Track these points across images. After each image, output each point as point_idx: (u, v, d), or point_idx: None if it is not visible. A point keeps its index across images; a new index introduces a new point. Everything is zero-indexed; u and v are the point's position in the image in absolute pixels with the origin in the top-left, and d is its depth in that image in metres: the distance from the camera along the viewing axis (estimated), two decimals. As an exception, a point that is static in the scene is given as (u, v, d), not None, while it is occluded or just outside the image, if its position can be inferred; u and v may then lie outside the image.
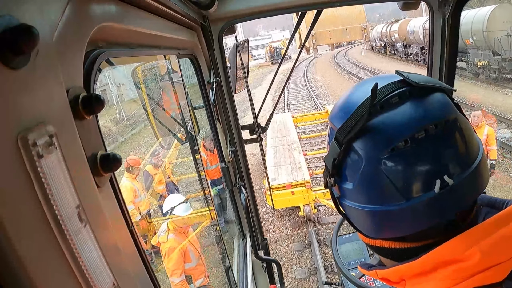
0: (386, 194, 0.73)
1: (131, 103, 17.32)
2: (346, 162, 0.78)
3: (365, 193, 0.76)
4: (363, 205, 0.77)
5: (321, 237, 8.06)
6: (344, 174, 0.79)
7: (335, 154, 0.78)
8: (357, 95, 0.79)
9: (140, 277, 0.77)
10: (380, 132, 0.73)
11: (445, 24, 2.05)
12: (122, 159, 0.66)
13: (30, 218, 0.43)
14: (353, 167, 0.76)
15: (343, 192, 0.81)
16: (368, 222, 0.79)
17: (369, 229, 0.81)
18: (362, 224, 0.82)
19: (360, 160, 0.74)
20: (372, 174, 0.73)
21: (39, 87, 0.47)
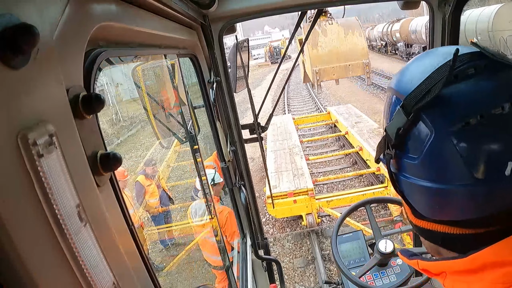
0: (453, 171, 0.68)
1: (127, 104, 17.24)
2: (412, 133, 0.72)
3: (429, 168, 0.71)
4: (425, 181, 0.72)
5: (326, 252, 7.43)
6: (407, 146, 0.73)
7: (401, 123, 0.72)
8: (428, 62, 0.73)
9: (140, 276, 0.78)
10: (455, 103, 0.67)
11: (445, 23, 2.05)
12: (122, 158, 0.66)
13: (30, 217, 0.43)
14: (420, 139, 0.70)
15: (403, 165, 0.76)
16: (427, 200, 0.74)
17: (426, 207, 0.76)
18: (420, 201, 0.77)
19: (430, 131, 0.68)
20: (441, 149, 0.68)
21: (39, 87, 0.47)
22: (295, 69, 3.93)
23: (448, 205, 0.72)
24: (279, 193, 8.14)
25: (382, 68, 29.87)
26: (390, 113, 0.78)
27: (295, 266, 7.28)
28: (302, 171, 9.22)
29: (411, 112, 0.70)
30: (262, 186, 10.11)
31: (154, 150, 11.90)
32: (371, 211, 2.52)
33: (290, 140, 12.03)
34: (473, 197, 0.68)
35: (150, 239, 7.69)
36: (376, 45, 46.10)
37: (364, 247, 2.65)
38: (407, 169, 0.75)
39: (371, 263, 2.34)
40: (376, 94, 21.77)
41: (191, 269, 7.11)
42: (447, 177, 0.69)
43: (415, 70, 0.75)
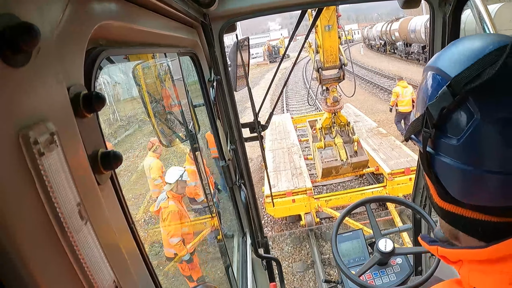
0: (493, 158, 0.67)
1: (125, 103, 17.17)
2: (457, 114, 0.70)
3: (469, 151, 0.69)
4: (463, 163, 0.70)
5: (325, 255, 7.34)
6: (450, 126, 0.71)
7: (446, 103, 0.69)
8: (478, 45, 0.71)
9: (140, 275, 0.78)
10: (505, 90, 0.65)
11: (445, 22, 2.05)
12: (122, 157, 0.66)
13: (31, 215, 0.43)
14: (464, 121, 0.68)
15: (441, 146, 0.74)
16: (461, 182, 0.73)
17: (458, 189, 0.75)
18: (453, 183, 0.75)
19: (475, 115, 0.66)
20: (484, 134, 0.66)
21: (40, 85, 0.48)
22: (296, 65, 3.92)
23: (482, 190, 0.71)
24: (278, 192, 8.13)
25: (380, 68, 29.86)
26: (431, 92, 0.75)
27: (294, 270, 7.20)
28: (301, 170, 9.21)
29: (458, 93, 0.68)
30: (260, 187, 10.05)
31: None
32: (371, 210, 2.52)
33: (288, 139, 12.01)
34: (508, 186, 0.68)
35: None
36: (375, 44, 46.13)
37: (364, 246, 2.65)
38: (445, 149, 0.73)
39: (371, 262, 2.34)
40: (375, 94, 21.77)
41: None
42: (486, 163, 0.68)
43: (464, 52, 0.72)
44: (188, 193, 7.10)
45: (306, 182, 8.48)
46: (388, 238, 2.38)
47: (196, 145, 2.32)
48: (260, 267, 3.03)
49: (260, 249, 2.97)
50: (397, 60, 33.84)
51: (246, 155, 2.78)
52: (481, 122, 0.66)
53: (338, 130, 9.09)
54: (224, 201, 5.72)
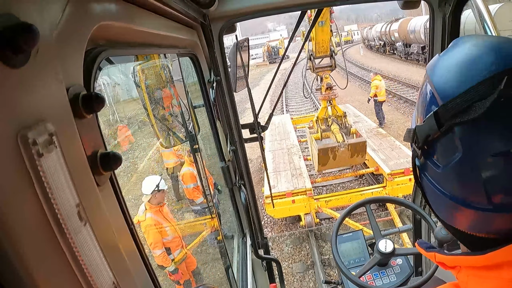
0: (475, 194, 0.66)
1: (124, 104, 17.15)
2: (441, 143, 0.68)
3: (451, 182, 0.69)
4: (445, 191, 0.70)
5: (325, 256, 7.33)
6: (434, 151, 0.70)
7: (431, 131, 0.68)
8: (474, 64, 0.64)
9: (140, 276, 0.77)
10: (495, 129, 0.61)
11: (445, 23, 2.05)
12: (122, 158, 0.66)
13: (30, 216, 0.43)
14: (448, 153, 0.67)
15: (426, 166, 0.74)
16: (445, 208, 0.74)
17: (441, 213, 0.77)
18: (437, 206, 0.77)
19: (459, 150, 0.64)
20: (467, 170, 0.65)
21: (39, 86, 0.47)
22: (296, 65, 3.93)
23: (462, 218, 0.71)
24: (278, 193, 8.14)
25: (380, 68, 29.88)
26: (423, 110, 0.73)
27: (294, 271, 7.19)
28: (301, 171, 9.21)
29: (443, 124, 0.65)
30: (259, 188, 10.04)
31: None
32: (371, 210, 2.52)
33: (288, 140, 12.03)
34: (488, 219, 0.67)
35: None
36: (375, 44, 46.16)
37: (364, 246, 2.65)
38: (429, 171, 0.73)
39: (371, 263, 2.34)
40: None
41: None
42: (467, 196, 0.67)
43: (458, 71, 0.66)
44: (187, 195, 7.09)
45: (306, 182, 8.48)
46: (388, 238, 2.38)
47: (196, 146, 2.32)
48: (260, 268, 3.03)
49: (260, 250, 2.97)
50: (397, 60, 33.86)
51: (246, 156, 2.78)
52: (463, 159, 0.64)
53: (334, 120, 9.27)
54: (224, 202, 5.72)
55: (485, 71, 0.62)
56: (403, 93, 19.51)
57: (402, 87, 21.21)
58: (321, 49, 8.58)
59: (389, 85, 22.52)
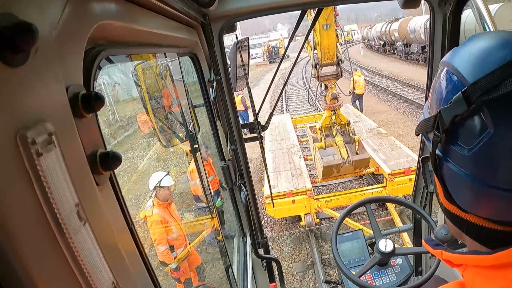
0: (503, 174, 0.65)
1: (124, 104, 17.12)
2: (470, 124, 0.66)
3: (479, 164, 0.67)
4: (470, 175, 0.68)
5: (325, 256, 7.29)
6: (461, 134, 0.68)
7: (460, 111, 0.66)
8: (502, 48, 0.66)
9: (140, 276, 0.77)
10: None
11: (446, 23, 2.05)
12: (121, 157, 0.66)
13: (29, 216, 0.43)
14: (477, 132, 0.65)
15: (450, 152, 0.72)
16: (467, 192, 0.72)
17: (463, 198, 0.74)
18: (458, 191, 0.74)
19: (491, 127, 0.63)
20: (497, 148, 0.64)
21: (38, 85, 0.47)
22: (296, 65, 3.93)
23: (487, 203, 0.70)
24: (278, 193, 8.12)
25: (380, 68, 29.83)
26: (446, 93, 0.72)
27: (294, 271, 7.18)
28: (301, 171, 9.19)
29: (473, 102, 0.64)
30: (259, 188, 10.02)
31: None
32: (371, 210, 2.52)
33: (288, 140, 11.99)
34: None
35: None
36: (375, 44, 46.15)
37: (364, 246, 2.65)
38: (454, 157, 0.71)
39: (371, 262, 2.34)
40: (374, 94, 21.76)
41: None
42: (495, 178, 0.66)
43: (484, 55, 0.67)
44: (194, 191, 7.09)
45: (306, 182, 8.46)
46: (388, 238, 2.38)
47: (196, 146, 2.32)
48: (260, 268, 3.03)
49: (260, 250, 2.97)
50: (397, 60, 33.85)
51: (246, 156, 2.78)
52: (494, 136, 0.63)
53: (338, 129, 9.14)
54: (224, 202, 5.74)
55: (510, 55, 0.64)
56: (403, 93, 19.50)
57: (402, 87, 21.20)
58: (326, 55, 8.16)
59: (389, 85, 22.43)
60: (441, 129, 0.71)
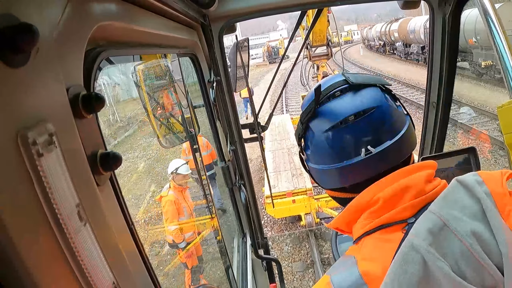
0: (329, 157, 1.02)
1: (124, 104, 17.08)
2: (305, 136, 1.09)
3: (316, 156, 1.07)
4: (316, 165, 1.07)
5: (325, 255, 7.34)
6: (306, 143, 1.10)
7: (300, 130, 1.11)
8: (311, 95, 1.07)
9: (140, 276, 0.77)
10: (325, 114, 1.03)
11: (445, 23, 2.05)
12: (122, 158, 0.66)
13: (30, 216, 0.43)
14: (309, 138, 1.07)
15: (306, 156, 1.12)
16: (319, 176, 1.10)
17: (323, 182, 1.11)
18: (318, 179, 1.12)
19: (312, 133, 1.05)
20: (320, 143, 1.03)
21: (39, 86, 0.47)
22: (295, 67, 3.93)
23: (331, 179, 1.06)
24: (278, 193, 8.11)
25: (380, 68, 29.78)
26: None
27: (294, 270, 7.17)
28: (301, 171, 9.11)
29: (303, 122, 1.07)
30: (260, 188, 10.02)
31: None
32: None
33: (288, 140, 11.94)
34: (344, 172, 1.01)
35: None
36: (374, 44, 46.11)
37: None
38: (308, 158, 1.12)
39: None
40: None
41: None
42: (326, 161, 1.03)
43: (307, 97, 1.11)
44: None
45: (306, 182, 8.45)
46: None
47: (196, 146, 2.32)
48: (260, 268, 3.03)
49: (260, 250, 2.96)
50: (397, 60, 33.77)
51: (246, 156, 2.78)
52: (316, 137, 1.04)
53: None
54: (224, 202, 5.78)
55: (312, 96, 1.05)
56: (402, 93, 19.47)
57: (402, 87, 21.18)
58: (317, 38, 8.80)
59: (393, 88, 22.35)
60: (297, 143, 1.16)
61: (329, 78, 1.11)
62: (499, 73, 14.43)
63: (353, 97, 1.01)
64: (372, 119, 0.98)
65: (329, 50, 9.20)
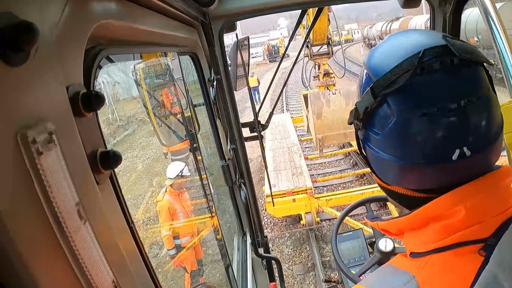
0: (410, 151, 0.78)
1: (124, 103, 17.06)
2: (378, 113, 0.81)
3: (390, 145, 0.81)
4: (385, 154, 0.82)
5: (326, 258, 7.24)
6: (373, 122, 0.83)
7: (369, 103, 0.81)
8: (400, 49, 0.79)
9: (140, 275, 0.77)
10: (417, 94, 0.75)
11: (446, 22, 2.05)
12: (122, 156, 0.66)
13: (29, 215, 0.43)
14: (384, 119, 0.79)
15: (368, 137, 0.85)
16: (386, 170, 0.85)
17: (385, 176, 0.87)
18: (380, 170, 0.88)
19: (392, 115, 0.77)
20: (401, 131, 0.77)
21: (38, 84, 0.47)
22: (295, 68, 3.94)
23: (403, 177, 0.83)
24: (278, 192, 8.10)
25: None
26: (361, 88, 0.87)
27: (294, 273, 7.12)
28: (301, 170, 9.17)
29: (378, 96, 0.78)
30: (260, 187, 10.00)
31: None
32: (371, 210, 2.52)
33: (288, 139, 11.94)
34: (421, 174, 0.79)
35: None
36: (375, 43, 45.98)
37: (364, 245, 2.65)
38: (371, 140, 0.85)
39: (371, 261, 2.34)
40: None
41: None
42: (404, 155, 0.79)
43: (387, 55, 0.82)
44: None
45: (306, 181, 8.44)
46: (388, 238, 2.37)
47: (196, 145, 2.32)
48: (260, 267, 3.03)
49: (260, 249, 2.97)
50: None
51: (246, 155, 2.78)
52: (397, 122, 0.77)
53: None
54: (223, 201, 5.76)
55: (412, 50, 0.76)
56: None
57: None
58: (318, 37, 8.71)
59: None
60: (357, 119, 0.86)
61: (419, 34, 0.83)
62: (500, 72, 14.49)
63: (456, 77, 0.75)
64: (478, 112, 0.75)
65: (330, 48, 9.18)
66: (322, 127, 8.65)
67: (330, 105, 8.69)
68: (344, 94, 8.63)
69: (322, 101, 8.64)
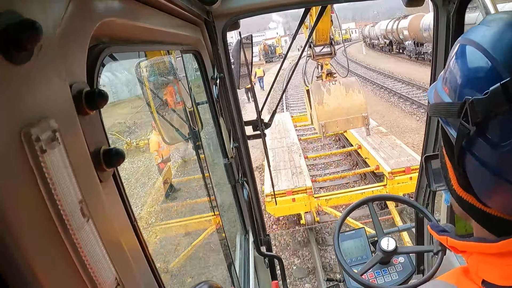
0: None
1: (124, 103, 17.06)
2: (507, 121, 0.58)
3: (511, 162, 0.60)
4: (499, 172, 0.61)
5: (326, 259, 7.25)
6: (495, 129, 0.60)
7: (498, 107, 0.58)
8: None
9: (142, 272, 0.78)
10: None
11: (449, 21, 2.04)
12: (125, 154, 0.66)
13: (33, 213, 0.43)
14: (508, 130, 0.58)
15: (476, 145, 0.64)
16: (491, 188, 0.65)
17: (485, 193, 0.68)
18: (481, 185, 0.68)
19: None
20: None
21: (42, 82, 0.47)
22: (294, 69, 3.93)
23: (508, 199, 0.64)
24: (278, 191, 8.12)
25: (389, 69, 28.65)
26: (477, 81, 0.63)
27: (294, 276, 7.12)
28: (301, 169, 9.19)
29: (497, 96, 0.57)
30: (259, 187, 9.88)
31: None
32: (374, 208, 2.51)
33: (288, 138, 11.96)
34: None
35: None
36: (378, 43, 45.60)
37: (366, 244, 2.65)
38: (481, 150, 0.63)
39: (373, 260, 2.33)
40: (376, 94, 21.59)
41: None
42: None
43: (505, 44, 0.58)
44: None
45: (306, 181, 8.46)
46: (390, 236, 2.37)
47: (199, 143, 2.32)
48: (262, 265, 3.03)
49: (262, 247, 2.97)
50: (406, 60, 32.52)
51: (249, 153, 2.78)
52: None
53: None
54: (226, 199, 5.76)
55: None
56: (417, 98, 17.85)
57: (412, 89, 20.06)
58: (320, 37, 8.73)
59: (401, 88, 21.01)
60: (471, 121, 0.62)
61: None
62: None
63: None
64: None
65: (333, 48, 9.21)
66: (324, 113, 8.72)
67: (330, 93, 8.77)
68: (344, 83, 8.71)
69: (323, 90, 8.71)
